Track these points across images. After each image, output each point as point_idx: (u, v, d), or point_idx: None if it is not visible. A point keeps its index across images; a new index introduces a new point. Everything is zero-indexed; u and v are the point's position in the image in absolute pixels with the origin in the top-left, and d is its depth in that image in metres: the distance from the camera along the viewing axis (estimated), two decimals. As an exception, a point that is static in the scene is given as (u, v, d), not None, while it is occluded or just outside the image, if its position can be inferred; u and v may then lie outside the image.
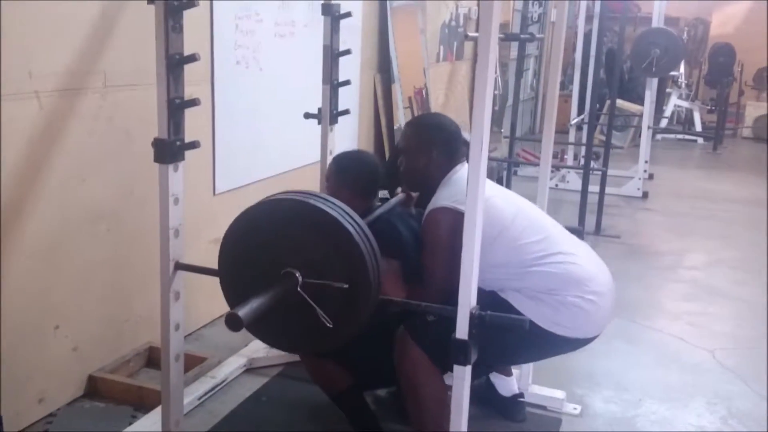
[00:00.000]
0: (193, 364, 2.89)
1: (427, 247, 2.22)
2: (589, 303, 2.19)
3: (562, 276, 2.19)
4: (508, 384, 2.78)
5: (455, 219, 2.04)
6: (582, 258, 2.28)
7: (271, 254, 1.86)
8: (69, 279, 2.64)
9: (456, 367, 1.82)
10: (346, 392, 2.46)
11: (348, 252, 1.79)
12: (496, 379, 2.78)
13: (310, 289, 1.80)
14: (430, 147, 2.34)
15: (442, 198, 2.23)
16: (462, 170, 2.29)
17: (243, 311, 1.67)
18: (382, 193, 2.77)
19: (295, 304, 1.82)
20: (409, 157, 2.40)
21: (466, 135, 2.14)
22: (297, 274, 1.80)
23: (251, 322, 1.69)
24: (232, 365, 2.99)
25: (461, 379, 1.82)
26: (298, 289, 1.79)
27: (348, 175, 2.46)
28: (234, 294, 1.94)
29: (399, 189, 2.61)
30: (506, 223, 2.22)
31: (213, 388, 2.84)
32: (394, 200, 2.53)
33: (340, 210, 1.83)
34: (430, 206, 2.24)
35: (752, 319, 3.95)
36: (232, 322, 1.66)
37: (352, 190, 2.41)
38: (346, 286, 1.78)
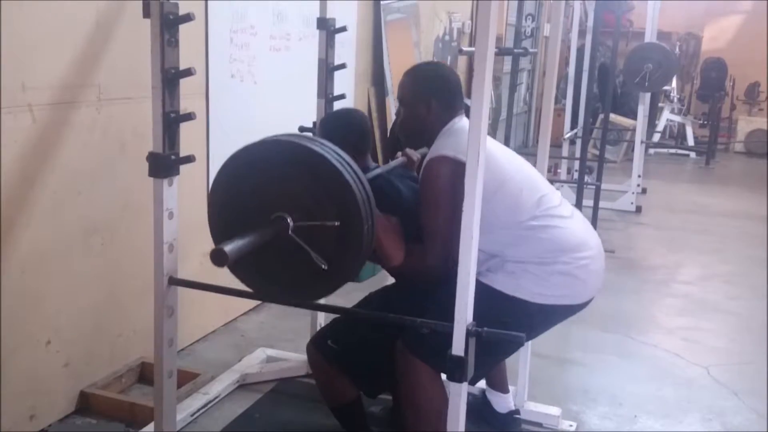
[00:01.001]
0: (186, 380, 2.87)
1: (427, 199, 2.13)
2: (579, 269, 2.17)
3: (556, 242, 2.15)
4: (504, 401, 2.76)
5: (455, 169, 1.98)
6: (575, 222, 2.25)
7: (263, 198, 1.85)
8: (61, 293, 2.61)
9: (452, 384, 1.80)
10: (350, 405, 2.44)
11: (339, 193, 1.77)
12: (492, 395, 2.77)
13: (302, 234, 1.79)
14: (429, 96, 2.26)
15: (442, 147, 2.15)
16: (462, 122, 2.23)
17: (229, 247, 1.66)
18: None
19: (287, 250, 1.81)
20: (408, 107, 2.33)
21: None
22: (288, 218, 1.79)
23: (237, 260, 1.68)
24: (225, 381, 2.97)
25: (457, 395, 1.81)
26: (290, 233, 1.78)
27: (336, 133, 2.34)
28: (220, 228, 1.94)
29: (399, 153, 2.54)
30: (506, 176, 2.17)
31: (206, 405, 2.81)
32: (394, 162, 2.46)
33: (332, 152, 1.82)
34: (429, 155, 2.16)
35: (746, 334, 3.95)
36: (218, 257, 1.65)
37: (342, 148, 2.36)
38: (337, 223, 1.77)
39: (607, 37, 7.42)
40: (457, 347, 1.77)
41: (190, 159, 2.11)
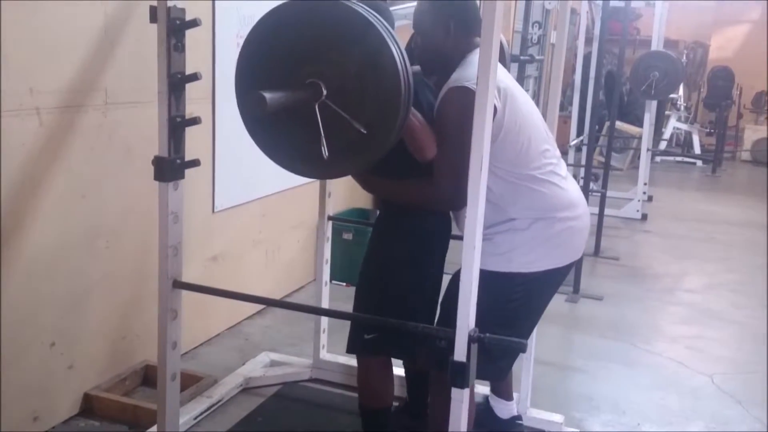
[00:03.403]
0: (190, 383, 2.88)
1: (443, 126, 2.07)
2: (571, 230, 2.18)
3: (553, 199, 2.15)
4: (506, 407, 2.76)
5: (474, 100, 1.90)
6: (570, 182, 2.25)
7: (298, 59, 1.77)
8: (66, 295, 2.63)
9: (454, 390, 1.80)
10: (383, 411, 2.44)
11: (385, 79, 1.72)
12: (495, 402, 2.77)
13: (330, 109, 1.74)
14: (447, 19, 2.17)
15: (461, 78, 2.07)
16: None
17: (269, 94, 1.62)
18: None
19: (315, 120, 1.75)
20: (425, 34, 2.23)
21: None
22: (322, 87, 1.74)
23: (273, 109, 1.64)
24: (229, 385, 2.97)
25: (459, 401, 1.81)
26: (319, 103, 1.73)
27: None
28: (249, 84, 1.87)
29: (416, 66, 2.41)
30: (522, 119, 2.12)
31: (209, 408, 2.82)
32: (414, 67, 2.33)
33: (380, 22, 1.76)
34: (447, 85, 2.09)
35: (751, 344, 3.94)
36: (257, 102, 1.62)
37: None
38: (364, 131, 1.73)
39: (614, 44, 7.41)
40: (459, 353, 1.77)
41: (195, 163, 2.12)
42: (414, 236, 2.34)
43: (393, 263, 2.35)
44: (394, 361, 2.48)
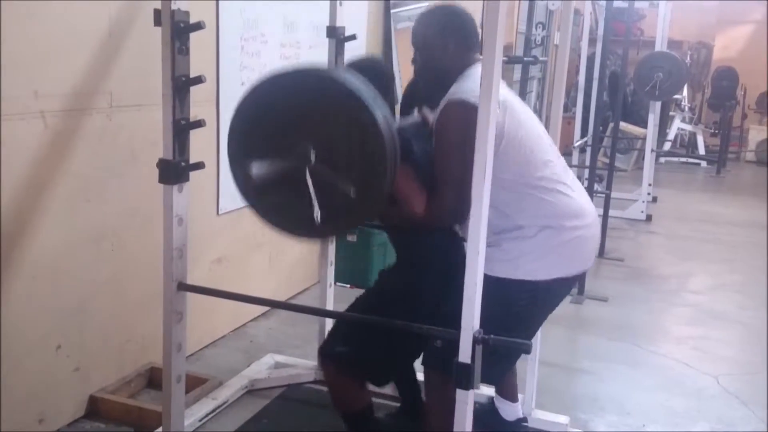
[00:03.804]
0: (195, 385, 2.88)
1: (441, 143, 2.08)
2: (579, 238, 2.17)
3: (559, 207, 2.15)
4: (512, 409, 2.76)
5: (472, 114, 1.89)
6: (577, 191, 2.24)
7: (286, 128, 1.84)
8: (71, 298, 2.63)
9: (459, 392, 1.81)
10: (362, 412, 2.44)
11: (371, 142, 1.77)
12: (500, 403, 2.76)
13: (319, 174, 1.80)
14: (446, 37, 2.21)
15: (458, 91, 2.09)
16: (480, 67, 2.21)
17: (257, 169, 1.70)
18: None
19: (305, 184, 1.81)
20: (424, 51, 2.26)
21: None
22: (311, 152, 1.80)
23: (260, 181, 1.71)
24: (234, 387, 2.98)
25: (464, 402, 1.81)
26: (312, 163, 1.79)
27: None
28: (239, 155, 1.92)
29: (416, 111, 2.46)
30: (523, 127, 2.13)
31: (214, 410, 2.82)
32: (410, 118, 2.42)
33: (364, 89, 1.81)
34: (447, 99, 2.10)
35: (757, 345, 3.93)
36: (244, 178, 1.71)
37: None
38: (352, 194, 1.78)
39: (618, 45, 7.40)
40: (464, 354, 1.77)
41: (199, 166, 2.13)
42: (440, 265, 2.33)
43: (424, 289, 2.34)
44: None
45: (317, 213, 1.81)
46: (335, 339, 2.43)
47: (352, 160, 1.81)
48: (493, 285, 1.94)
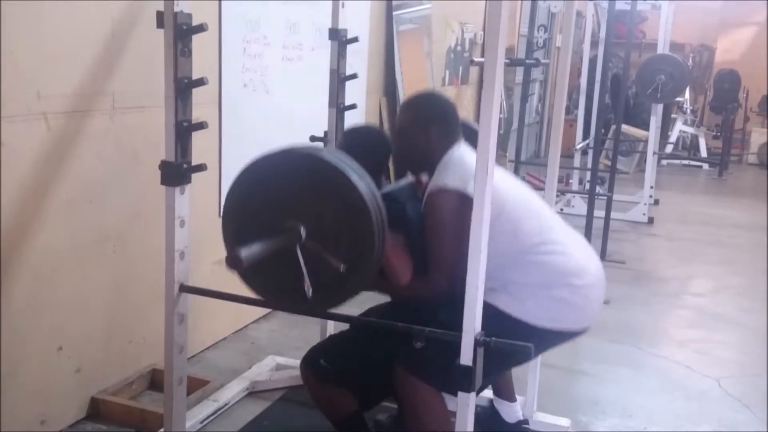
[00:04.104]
0: (196, 387, 2.88)
1: (431, 229, 2.15)
2: (579, 296, 2.19)
3: (556, 268, 2.17)
4: (512, 410, 2.76)
5: (458, 200, 2.03)
6: (574, 248, 2.26)
7: (277, 207, 1.90)
8: (74, 299, 2.63)
9: (460, 394, 1.81)
10: (350, 417, 2.44)
11: (354, 206, 1.83)
12: (501, 405, 2.76)
13: (309, 251, 1.86)
14: (428, 124, 2.28)
15: (443, 178, 2.17)
16: (460, 149, 2.25)
17: (244, 252, 1.72)
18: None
19: (297, 261, 1.87)
20: (406, 136, 2.33)
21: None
22: (302, 230, 1.85)
23: (250, 265, 1.74)
24: (235, 389, 2.98)
25: (465, 405, 1.81)
26: (303, 240, 1.85)
27: (358, 150, 2.33)
28: (233, 235, 1.98)
29: (408, 174, 2.53)
30: (506, 203, 2.16)
31: (215, 412, 2.82)
32: (404, 182, 2.47)
33: (349, 166, 1.88)
34: (431, 187, 2.19)
35: (758, 347, 3.92)
36: (233, 261, 1.71)
37: (362, 165, 2.28)
38: (342, 269, 1.83)
39: (620, 48, 7.40)
40: (466, 357, 1.78)
41: (202, 167, 2.13)
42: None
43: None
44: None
45: (309, 289, 1.87)
46: (321, 353, 2.43)
47: (342, 237, 1.87)
48: (491, 315, 1.98)
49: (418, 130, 2.30)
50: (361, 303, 2.45)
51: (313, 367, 2.40)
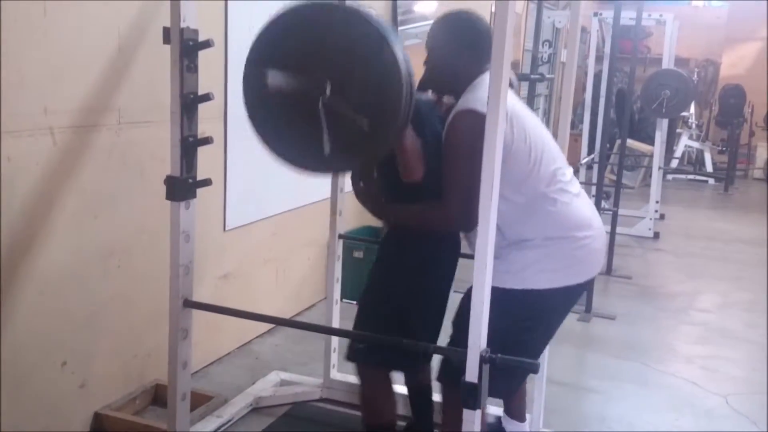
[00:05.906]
0: (200, 402, 2.87)
1: (451, 150, 2.09)
2: (583, 248, 2.17)
3: (563, 218, 2.15)
4: (520, 429, 2.73)
5: (482, 123, 1.88)
6: (582, 200, 2.25)
7: (304, 60, 1.87)
8: (78, 314, 2.63)
9: (466, 411, 1.79)
10: (386, 427, 2.42)
11: (388, 80, 1.80)
12: (508, 423, 2.74)
13: (331, 107, 1.83)
14: (461, 46, 2.22)
15: (470, 100, 2.10)
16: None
17: (272, 77, 1.75)
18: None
19: (311, 116, 1.85)
20: (438, 55, 2.27)
21: None
22: (327, 85, 1.83)
23: (274, 88, 1.78)
24: (239, 404, 2.96)
25: (471, 422, 1.79)
26: (327, 94, 1.83)
27: None
28: (262, 59, 1.95)
29: (430, 91, 2.44)
30: (530, 136, 2.12)
31: (219, 428, 2.80)
32: (424, 96, 2.37)
33: (401, 47, 1.85)
34: (458, 107, 2.12)
35: (766, 363, 3.89)
36: (260, 77, 1.77)
37: None
38: (365, 125, 1.80)
39: (625, 63, 7.43)
40: (471, 374, 1.76)
41: (207, 183, 2.13)
42: (420, 255, 2.34)
43: (398, 282, 2.34)
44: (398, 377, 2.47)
45: (327, 145, 1.83)
46: (354, 342, 2.41)
47: (368, 96, 1.83)
48: (500, 297, 1.94)
49: (450, 48, 2.23)
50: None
51: (355, 357, 2.37)
